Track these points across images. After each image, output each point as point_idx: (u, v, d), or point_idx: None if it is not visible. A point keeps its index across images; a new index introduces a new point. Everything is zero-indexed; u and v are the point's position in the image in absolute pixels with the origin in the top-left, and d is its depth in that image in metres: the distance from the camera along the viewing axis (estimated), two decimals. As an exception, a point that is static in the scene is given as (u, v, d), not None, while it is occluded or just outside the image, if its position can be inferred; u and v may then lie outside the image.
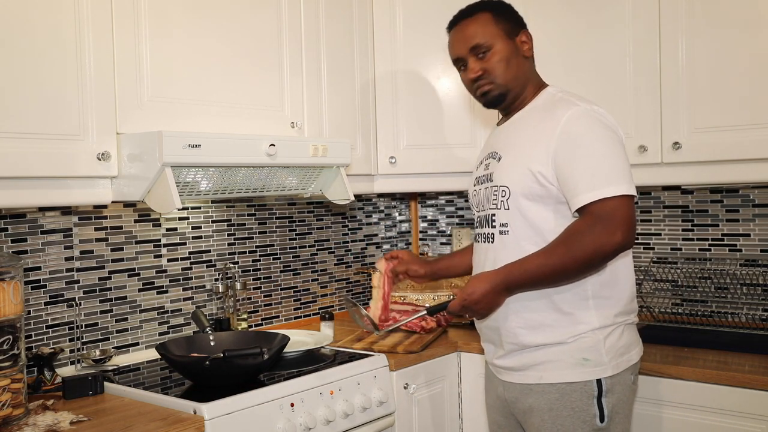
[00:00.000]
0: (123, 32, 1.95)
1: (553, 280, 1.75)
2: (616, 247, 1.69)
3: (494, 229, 1.86)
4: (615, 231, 1.67)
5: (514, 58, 1.88)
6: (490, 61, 1.88)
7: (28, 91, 1.76)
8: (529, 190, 1.78)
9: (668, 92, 2.39)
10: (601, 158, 1.71)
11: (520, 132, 1.86)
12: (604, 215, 1.68)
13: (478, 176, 1.98)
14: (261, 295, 2.78)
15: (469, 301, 1.78)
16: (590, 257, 1.70)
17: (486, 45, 1.87)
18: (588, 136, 1.73)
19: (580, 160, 1.71)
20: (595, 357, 1.77)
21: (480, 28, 1.88)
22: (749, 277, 2.56)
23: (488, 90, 1.90)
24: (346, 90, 2.64)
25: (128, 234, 2.37)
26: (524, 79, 1.91)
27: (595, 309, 1.78)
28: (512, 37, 1.89)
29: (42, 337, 2.15)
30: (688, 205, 2.73)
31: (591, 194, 1.69)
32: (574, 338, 1.78)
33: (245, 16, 2.25)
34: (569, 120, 1.75)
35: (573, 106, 1.78)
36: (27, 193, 1.79)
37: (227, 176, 2.12)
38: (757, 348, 2.25)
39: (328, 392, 2.06)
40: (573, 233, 1.71)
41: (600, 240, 1.67)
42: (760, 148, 2.22)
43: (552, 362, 1.79)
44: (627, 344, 1.83)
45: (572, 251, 1.69)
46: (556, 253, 1.71)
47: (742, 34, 2.25)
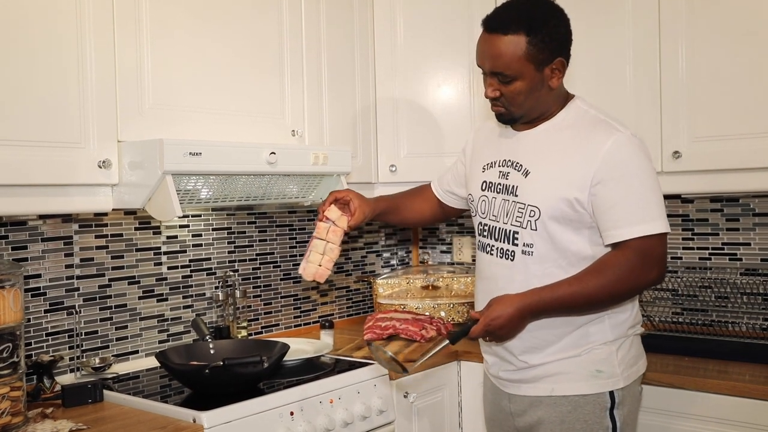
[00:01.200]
0: (124, 40, 1.95)
1: (583, 309, 1.73)
2: (650, 283, 1.72)
3: (516, 246, 1.78)
4: (652, 268, 1.69)
5: (536, 91, 1.75)
6: (511, 90, 1.74)
7: (28, 99, 1.76)
8: (562, 214, 1.72)
9: (668, 101, 2.40)
10: (644, 193, 1.68)
11: (551, 149, 1.77)
12: (644, 252, 1.67)
13: (489, 181, 1.87)
14: (261, 303, 2.78)
15: (494, 326, 1.71)
16: (626, 291, 1.71)
17: (510, 75, 1.72)
18: (632, 168, 1.69)
19: (624, 193, 1.67)
20: (608, 369, 1.75)
21: (508, 54, 1.70)
22: (749, 287, 2.55)
23: (501, 113, 1.81)
24: (347, 98, 2.64)
25: (128, 242, 2.37)
26: (544, 107, 1.79)
27: (608, 322, 1.77)
28: (541, 69, 1.72)
29: (42, 345, 2.15)
30: (689, 214, 2.73)
31: (633, 230, 1.67)
32: (587, 350, 1.76)
33: (246, 23, 2.26)
34: (613, 148, 1.68)
35: (615, 132, 1.71)
36: (28, 201, 1.79)
37: (228, 184, 2.12)
38: (758, 357, 2.25)
39: (327, 401, 2.05)
40: (611, 266, 1.69)
41: (638, 276, 1.68)
42: (761, 157, 2.22)
43: (564, 374, 1.76)
44: (636, 355, 1.83)
45: (609, 283, 1.68)
46: (591, 283, 1.69)
47: (742, 44, 2.26)
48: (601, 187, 1.68)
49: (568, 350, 1.76)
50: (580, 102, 1.83)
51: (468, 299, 2.85)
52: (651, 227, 1.67)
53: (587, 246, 1.74)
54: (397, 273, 3.08)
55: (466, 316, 2.83)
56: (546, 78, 1.74)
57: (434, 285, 2.97)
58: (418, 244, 3.46)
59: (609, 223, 1.69)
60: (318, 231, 1.87)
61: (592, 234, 1.74)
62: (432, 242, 3.45)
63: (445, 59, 2.79)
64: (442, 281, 2.97)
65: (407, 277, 3.01)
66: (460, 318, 2.84)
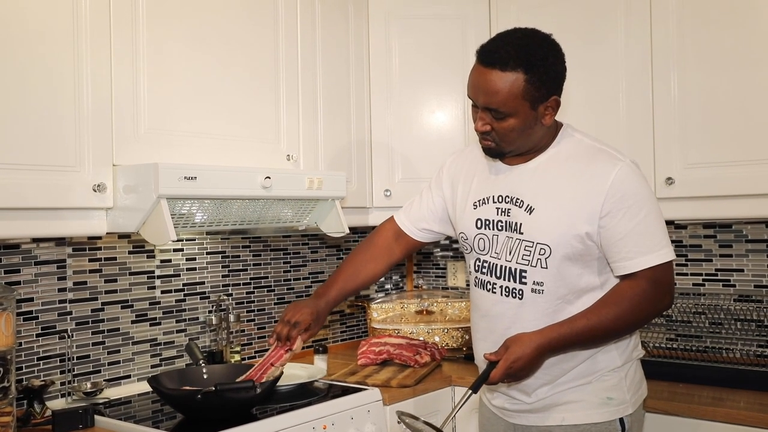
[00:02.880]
0: (120, 64, 1.96)
1: (600, 341, 1.72)
2: (663, 310, 1.75)
3: (524, 285, 1.73)
4: (665, 296, 1.71)
5: (530, 128, 1.70)
6: (504, 126, 1.68)
7: (24, 122, 1.77)
8: (573, 251, 1.69)
9: (661, 128, 2.42)
10: (651, 222, 1.68)
11: (554, 183, 1.72)
12: (656, 281, 1.68)
13: (485, 219, 1.81)
14: (255, 328, 2.76)
15: (515, 368, 1.63)
16: (642, 320, 1.73)
17: (505, 112, 1.66)
18: (638, 198, 1.68)
19: (633, 224, 1.67)
20: (618, 395, 1.75)
21: (505, 92, 1.64)
22: (743, 313, 2.56)
23: (491, 147, 1.75)
24: (342, 123, 2.65)
25: (122, 265, 2.36)
26: (532, 144, 1.75)
27: (616, 349, 1.76)
28: (536, 106, 1.67)
29: (33, 369, 2.13)
30: (682, 240, 2.74)
31: (644, 259, 1.67)
32: (597, 377, 1.75)
33: (242, 48, 2.28)
34: (618, 179, 1.67)
35: (617, 161, 1.69)
36: (22, 224, 1.79)
37: (222, 208, 2.12)
38: (753, 384, 2.24)
39: (321, 426, 2.04)
40: (627, 297, 1.68)
41: (652, 305, 1.70)
42: (753, 183, 2.24)
43: (575, 402, 1.74)
44: (640, 378, 1.84)
45: (625, 314, 1.67)
46: (609, 316, 1.67)
47: (734, 71, 2.28)
48: (610, 219, 1.66)
49: (578, 379, 1.74)
50: (571, 130, 1.80)
51: (463, 324, 2.84)
52: (661, 256, 1.68)
53: (596, 277, 1.73)
54: (391, 297, 3.07)
55: (461, 341, 2.83)
56: (540, 116, 1.69)
57: (428, 310, 2.96)
58: (412, 269, 3.46)
59: (620, 254, 1.68)
60: (279, 359, 1.90)
61: (599, 264, 1.73)
62: (426, 267, 3.45)
63: (439, 85, 2.81)
64: (436, 306, 2.97)
65: (401, 301, 3.00)
66: (455, 343, 2.83)
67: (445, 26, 2.78)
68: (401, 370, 2.51)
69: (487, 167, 1.86)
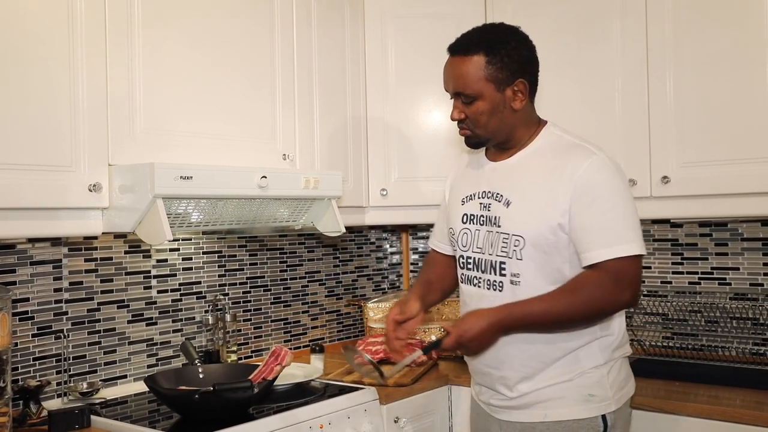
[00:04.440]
0: (116, 64, 1.96)
1: (553, 326, 1.73)
2: (622, 305, 1.72)
3: (504, 277, 1.78)
4: (625, 290, 1.68)
5: (499, 112, 1.77)
6: (473, 111, 1.78)
7: (20, 122, 1.76)
8: (546, 241, 1.72)
9: (657, 127, 2.42)
10: (618, 215, 1.69)
11: (529, 176, 1.77)
12: (617, 273, 1.67)
13: (470, 214, 1.87)
14: (251, 327, 2.76)
15: (465, 338, 1.71)
16: (597, 312, 1.71)
17: (471, 95, 1.76)
18: (605, 191, 1.70)
19: (598, 216, 1.68)
20: (600, 392, 1.75)
21: (469, 75, 1.75)
22: (739, 311, 2.56)
23: (467, 135, 1.84)
24: (338, 122, 2.65)
25: (118, 265, 2.36)
26: (508, 129, 1.80)
27: (598, 347, 1.77)
28: (502, 89, 1.75)
29: (29, 370, 2.13)
30: (678, 238, 2.75)
31: (607, 251, 1.67)
32: (579, 374, 1.76)
33: (238, 48, 2.27)
34: (587, 171, 1.70)
35: (591, 154, 1.72)
36: (17, 224, 1.79)
37: (218, 208, 2.12)
38: (748, 383, 2.25)
39: (318, 426, 2.04)
40: (584, 286, 1.70)
41: (609, 297, 1.68)
42: (748, 182, 2.25)
43: (557, 399, 1.75)
44: (625, 377, 1.84)
45: (579, 303, 1.68)
46: (563, 302, 1.69)
47: (729, 71, 2.29)
48: (576, 209, 1.69)
49: (559, 376, 1.76)
50: (552, 128, 1.84)
51: (459, 323, 2.84)
52: (625, 249, 1.67)
53: (570, 269, 1.75)
54: (387, 297, 3.07)
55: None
56: (508, 99, 1.77)
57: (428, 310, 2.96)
58: (408, 268, 3.46)
59: (584, 245, 1.70)
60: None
61: (572, 256, 1.74)
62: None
63: (435, 84, 2.76)
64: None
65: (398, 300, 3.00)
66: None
67: (441, 25, 2.78)
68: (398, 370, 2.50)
69: (476, 166, 1.94)
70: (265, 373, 2.01)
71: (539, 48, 2.19)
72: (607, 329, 1.78)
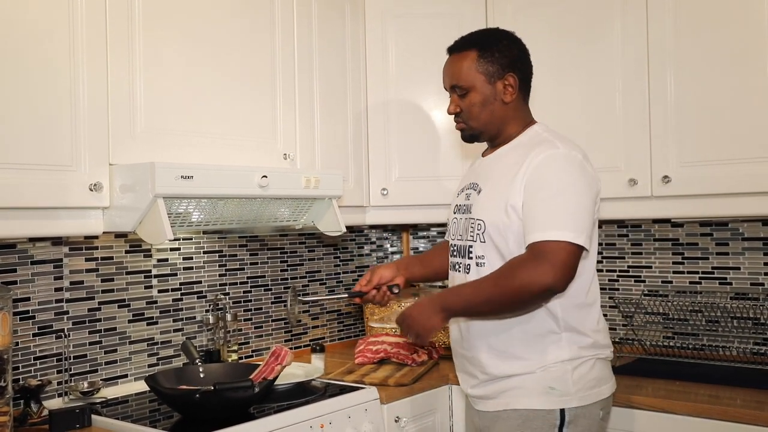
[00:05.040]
0: (117, 64, 1.96)
1: (485, 310, 1.80)
2: (543, 287, 1.70)
3: (471, 260, 1.89)
4: (547, 271, 1.69)
5: (490, 104, 1.90)
6: (466, 103, 1.91)
7: (20, 122, 1.76)
8: (503, 224, 1.81)
9: (657, 127, 2.42)
10: (561, 203, 1.73)
11: (502, 167, 1.88)
12: (541, 253, 1.70)
13: (458, 204, 2.00)
14: (252, 327, 2.76)
15: (405, 313, 1.86)
16: (516, 293, 1.72)
17: (464, 87, 1.91)
18: (556, 179, 1.76)
19: (542, 201, 1.74)
20: (561, 387, 1.78)
21: (463, 68, 1.90)
22: (740, 311, 2.56)
23: (462, 129, 1.97)
24: (339, 122, 2.65)
25: (119, 265, 2.36)
26: (500, 123, 1.92)
27: (566, 341, 1.81)
28: (493, 82, 1.89)
29: (29, 369, 2.13)
30: (679, 238, 2.75)
31: (538, 234, 1.72)
32: (543, 368, 1.80)
33: (239, 47, 2.27)
34: (546, 160, 1.77)
35: (553, 147, 1.80)
36: (18, 224, 1.79)
37: (219, 207, 2.12)
38: (749, 382, 2.25)
39: (318, 425, 2.04)
40: (510, 266, 1.75)
41: (530, 277, 1.70)
42: (749, 182, 2.24)
43: (519, 389, 1.81)
44: (598, 378, 1.84)
45: (500, 284, 1.74)
46: (489, 282, 1.77)
47: (730, 70, 2.29)
48: (526, 196, 1.76)
49: (525, 367, 1.81)
50: (539, 127, 1.93)
51: (459, 323, 2.84)
52: (556, 234, 1.70)
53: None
54: (388, 296, 3.07)
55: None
56: (499, 92, 1.90)
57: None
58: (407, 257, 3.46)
59: (526, 229, 1.76)
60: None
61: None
62: (423, 265, 3.45)
63: (435, 84, 2.77)
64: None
65: (398, 300, 3.00)
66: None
67: (441, 25, 2.78)
68: (398, 369, 2.51)
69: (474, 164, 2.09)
70: (266, 372, 2.01)
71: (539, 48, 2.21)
72: (580, 325, 1.82)
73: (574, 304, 1.82)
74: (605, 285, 2.90)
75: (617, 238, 2.89)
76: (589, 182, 1.80)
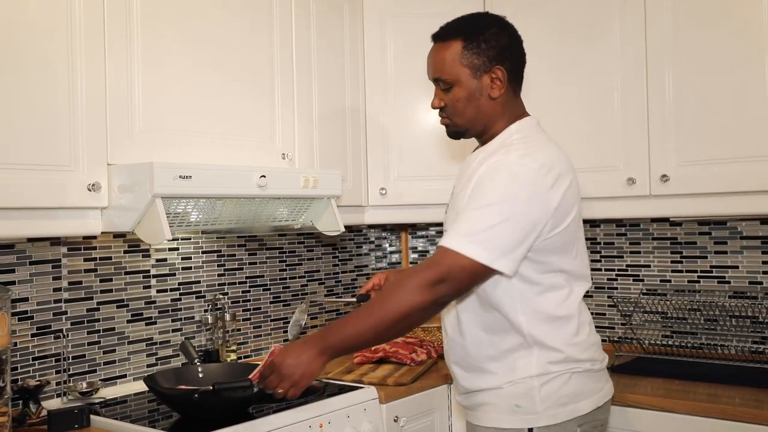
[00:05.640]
0: (115, 63, 1.96)
1: (373, 339, 1.66)
2: (424, 284, 1.57)
3: None
4: (430, 270, 1.57)
5: (476, 100, 1.75)
6: (451, 97, 1.77)
7: (18, 122, 1.76)
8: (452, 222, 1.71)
9: (656, 126, 2.42)
10: (482, 215, 1.59)
11: (468, 173, 1.75)
12: (433, 264, 1.59)
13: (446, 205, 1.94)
14: (250, 327, 2.76)
15: (276, 362, 1.67)
16: (392, 318, 1.59)
17: (448, 81, 1.76)
18: (491, 190, 1.61)
19: (468, 206, 1.62)
20: (527, 404, 1.68)
21: (447, 60, 1.76)
22: (738, 309, 2.57)
23: (446, 125, 1.84)
24: (337, 121, 2.65)
25: (117, 265, 2.36)
26: (486, 119, 1.78)
27: (536, 356, 1.68)
28: (479, 76, 1.74)
29: (28, 369, 2.13)
30: (677, 237, 2.75)
31: (444, 239, 1.61)
32: (511, 383, 1.70)
33: (237, 47, 2.27)
34: (491, 167, 1.64)
35: (507, 155, 1.65)
36: (16, 224, 1.78)
37: (218, 207, 2.12)
38: (748, 381, 2.25)
39: (317, 425, 2.04)
40: (385, 289, 1.68)
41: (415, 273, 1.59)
42: (747, 181, 2.25)
43: (489, 405, 1.73)
44: (573, 394, 1.70)
45: (376, 311, 1.61)
46: (365, 313, 1.63)
47: (728, 69, 2.29)
48: (467, 197, 1.66)
49: (494, 381, 1.72)
50: (517, 125, 1.77)
51: (458, 322, 2.84)
52: (456, 244, 1.57)
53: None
54: (387, 296, 3.07)
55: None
56: (485, 87, 1.75)
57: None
58: (407, 267, 3.46)
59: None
60: None
61: None
62: (422, 265, 3.45)
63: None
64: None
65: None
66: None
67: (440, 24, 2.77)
68: (397, 369, 2.51)
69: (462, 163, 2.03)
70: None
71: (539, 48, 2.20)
72: (547, 340, 1.68)
73: (541, 317, 1.68)
74: (603, 284, 2.90)
75: (616, 237, 2.89)
76: (538, 197, 1.61)
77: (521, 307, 1.68)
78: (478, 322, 1.74)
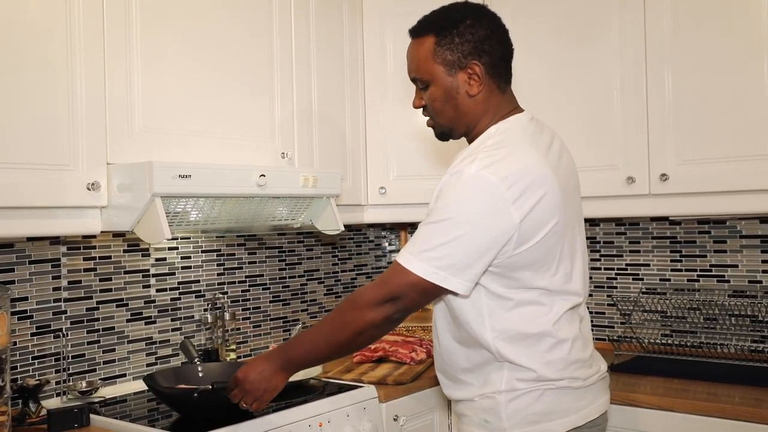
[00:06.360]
0: (114, 63, 1.96)
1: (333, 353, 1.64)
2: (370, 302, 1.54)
3: None
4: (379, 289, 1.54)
5: (452, 99, 1.65)
6: (428, 97, 1.69)
7: (18, 121, 1.76)
8: None
9: (655, 125, 2.42)
10: (432, 230, 1.51)
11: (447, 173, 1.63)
12: (384, 281, 1.55)
13: None
14: (250, 326, 2.76)
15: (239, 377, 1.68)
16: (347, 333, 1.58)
17: (425, 79, 1.67)
18: (443, 204, 1.52)
19: (425, 222, 1.55)
20: (494, 420, 1.60)
21: (420, 58, 1.66)
22: (737, 308, 2.57)
23: (431, 126, 1.75)
24: (337, 120, 2.65)
25: (117, 264, 2.36)
26: (467, 118, 1.67)
27: (507, 372, 1.59)
28: (454, 72, 1.63)
29: (27, 369, 2.13)
30: (677, 236, 2.75)
31: (398, 256, 1.55)
32: (481, 397, 1.63)
33: (236, 46, 2.27)
34: (449, 182, 1.54)
35: (470, 165, 1.51)
36: (16, 223, 1.78)
37: (217, 206, 2.12)
38: (747, 380, 2.25)
39: (317, 424, 2.04)
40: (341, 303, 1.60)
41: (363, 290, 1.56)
42: (747, 179, 2.25)
43: (465, 417, 1.69)
44: (545, 412, 1.58)
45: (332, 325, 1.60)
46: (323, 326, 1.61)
47: (727, 69, 2.29)
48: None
49: (469, 392, 1.66)
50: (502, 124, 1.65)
51: (458, 321, 2.84)
52: (409, 260, 1.51)
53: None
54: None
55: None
56: (462, 84, 1.64)
57: (424, 307, 2.96)
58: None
59: None
60: None
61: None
62: (422, 264, 3.45)
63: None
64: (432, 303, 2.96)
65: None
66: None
67: (439, 23, 2.78)
68: (397, 368, 2.51)
69: None
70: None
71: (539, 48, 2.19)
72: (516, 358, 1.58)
73: (508, 336, 1.57)
74: (603, 283, 2.90)
75: (615, 236, 2.89)
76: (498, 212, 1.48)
77: (489, 323, 1.58)
78: (451, 333, 1.68)
